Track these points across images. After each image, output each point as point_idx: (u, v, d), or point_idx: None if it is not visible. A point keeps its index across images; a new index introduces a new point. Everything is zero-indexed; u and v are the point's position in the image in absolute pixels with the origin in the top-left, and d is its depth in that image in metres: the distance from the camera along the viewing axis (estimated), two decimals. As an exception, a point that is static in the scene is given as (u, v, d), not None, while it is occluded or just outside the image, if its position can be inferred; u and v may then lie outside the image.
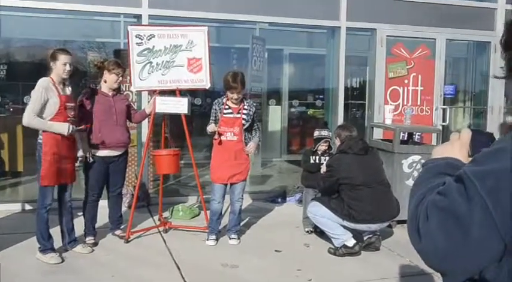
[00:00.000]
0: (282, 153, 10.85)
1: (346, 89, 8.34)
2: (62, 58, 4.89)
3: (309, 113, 10.96)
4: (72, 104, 4.98)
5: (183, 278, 4.65)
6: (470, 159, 1.22)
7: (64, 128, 4.76)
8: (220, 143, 5.59)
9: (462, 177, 1.13)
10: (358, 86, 10.28)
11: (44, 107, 4.77)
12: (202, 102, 7.57)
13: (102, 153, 5.38)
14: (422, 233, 1.18)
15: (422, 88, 8.24)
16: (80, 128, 4.93)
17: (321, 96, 9.50)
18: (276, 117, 10.62)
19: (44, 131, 4.83)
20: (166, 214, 6.48)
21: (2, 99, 8.39)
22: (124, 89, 6.98)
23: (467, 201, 1.10)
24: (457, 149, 1.32)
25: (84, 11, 7.22)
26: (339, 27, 7.97)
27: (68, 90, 5.04)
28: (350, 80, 9.95)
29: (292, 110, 10.77)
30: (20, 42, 9.56)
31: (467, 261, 1.15)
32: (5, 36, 8.96)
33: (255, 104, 5.91)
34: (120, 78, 5.45)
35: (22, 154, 8.29)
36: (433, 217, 1.14)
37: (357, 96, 9.89)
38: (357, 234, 5.46)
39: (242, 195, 5.79)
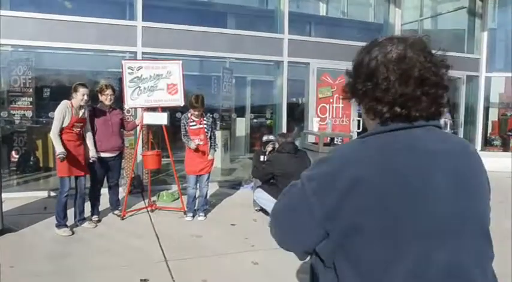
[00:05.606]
0: (245, 152, 10.77)
1: (288, 105, 8.29)
2: (81, 90, 4.81)
3: (267, 123, 10.86)
4: (81, 123, 4.89)
5: (160, 245, 4.60)
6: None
7: (58, 150, 4.63)
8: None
9: (302, 180, 1.08)
10: (299, 103, 10.24)
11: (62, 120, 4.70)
12: (180, 116, 7.45)
13: (102, 155, 5.27)
14: (272, 228, 1.18)
15: (342, 105, 8.27)
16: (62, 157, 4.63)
17: (272, 111, 9.44)
18: (241, 126, 10.53)
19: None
20: (154, 198, 6.37)
21: (37, 113, 8.13)
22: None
23: (300, 198, 1.06)
24: None
25: (99, 50, 7.18)
26: (283, 61, 7.97)
27: (82, 113, 4.92)
28: (293, 99, 9.90)
29: (253, 121, 10.70)
30: (53, 71, 9.35)
31: (296, 246, 1.13)
32: (42, 67, 8.75)
33: (211, 116, 5.77)
34: (110, 97, 5.28)
35: (52, 154, 8.10)
36: (273, 221, 1.15)
37: (297, 111, 9.83)
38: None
39: (208, 183, 5.72)
